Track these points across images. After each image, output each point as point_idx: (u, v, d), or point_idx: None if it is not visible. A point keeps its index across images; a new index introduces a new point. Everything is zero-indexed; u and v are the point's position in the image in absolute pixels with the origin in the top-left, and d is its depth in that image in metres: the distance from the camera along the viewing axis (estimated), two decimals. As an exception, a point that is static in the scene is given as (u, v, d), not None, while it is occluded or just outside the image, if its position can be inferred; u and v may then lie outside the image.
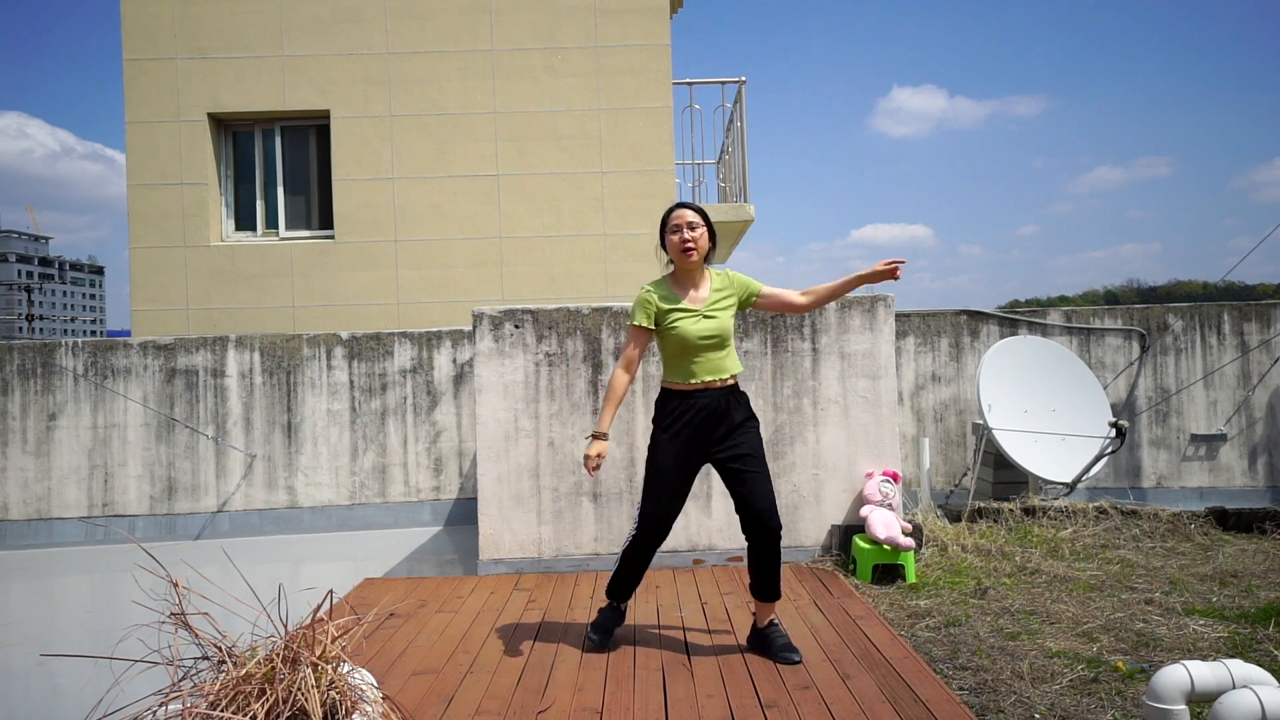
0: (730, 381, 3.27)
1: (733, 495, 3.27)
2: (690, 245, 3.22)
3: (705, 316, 3.23)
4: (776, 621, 3.37)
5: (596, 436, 3.25)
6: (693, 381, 3.23)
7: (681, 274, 3.31)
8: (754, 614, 3.39)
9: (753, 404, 4.91)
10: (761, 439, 3.31)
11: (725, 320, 3.25)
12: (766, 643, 3.32)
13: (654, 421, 3.34)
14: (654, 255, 3.49)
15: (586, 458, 3.23)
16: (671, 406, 3.27)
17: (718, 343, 3.23)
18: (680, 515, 4.85)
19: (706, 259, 3.31)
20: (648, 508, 3.30)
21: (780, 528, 3.25)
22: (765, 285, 3.39)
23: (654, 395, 4.85)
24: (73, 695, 3.70)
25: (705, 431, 3.23)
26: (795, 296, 3.38)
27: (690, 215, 3.25)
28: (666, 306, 3.25)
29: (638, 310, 3.28)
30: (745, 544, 4.84)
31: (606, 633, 3.46)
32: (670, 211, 3.31)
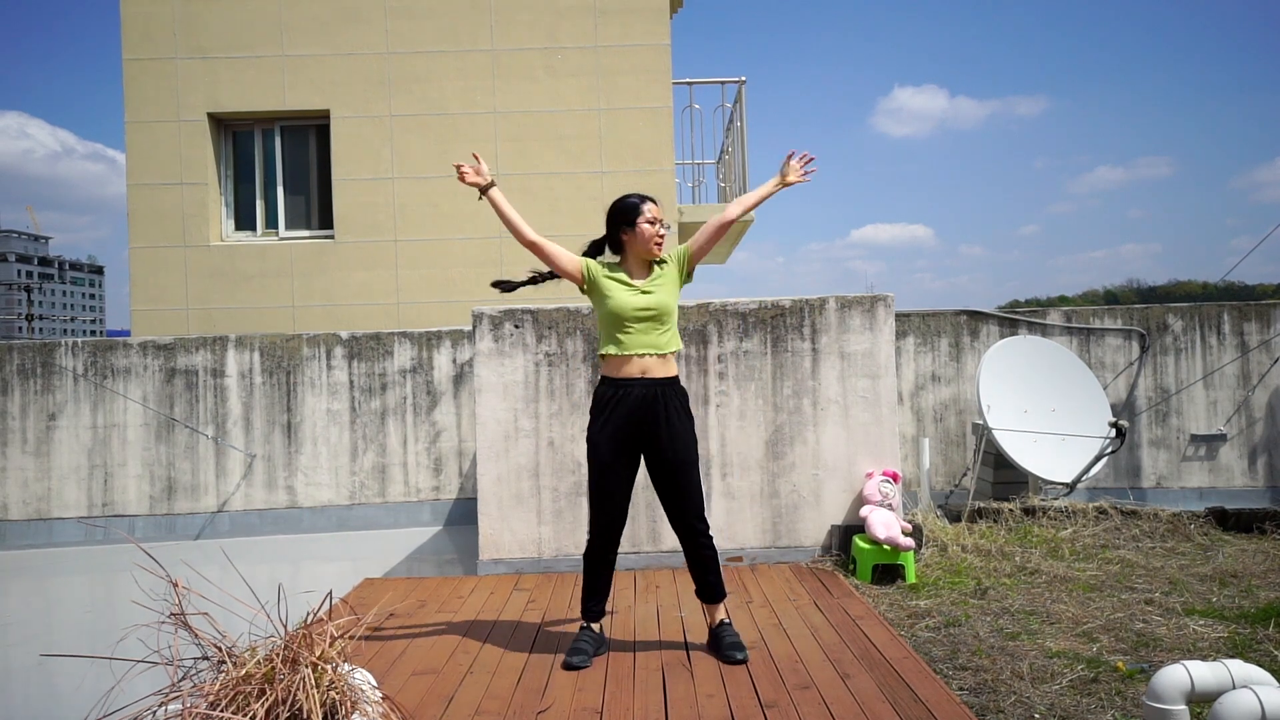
0: (666, 375, 3.26)
1: (660, 497, 3.31)
2: (663, 240, 3.30)
3: (643, 292, 3.26)
4: (727, 621, 3.41)
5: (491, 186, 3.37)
6: (626, 352, 3.22)
7: (634, 262, 3.35)
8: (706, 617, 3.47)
9: (753, 404, 4.94)
10: (696, 440, 3.32)
11: (663, 296, 3.26)
12: (716, 641, 3.36)
13: (590, 415, 3.33)
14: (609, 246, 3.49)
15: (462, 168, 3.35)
16: (605, 397, 3.27)
17: (654, 317, 3.24)
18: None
19: None
20: (595, 507, 3.28)
21: (708, 528, 3.30)
22: (694, 238, 3.36)
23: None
24: (73, 695, 3.69)
25: (639, 422, 3.22)
26: (723, 215, 3.31)
27: (660, 210, 3.32)
28: (607, 275, 3.30)
29: (581, 256, 3.36)
30: (742, 545, 4.87)
31: (585, 655, 3.27)
32: (641, 202, 3.31)
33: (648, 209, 3.30)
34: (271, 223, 9.01)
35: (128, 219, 8.64)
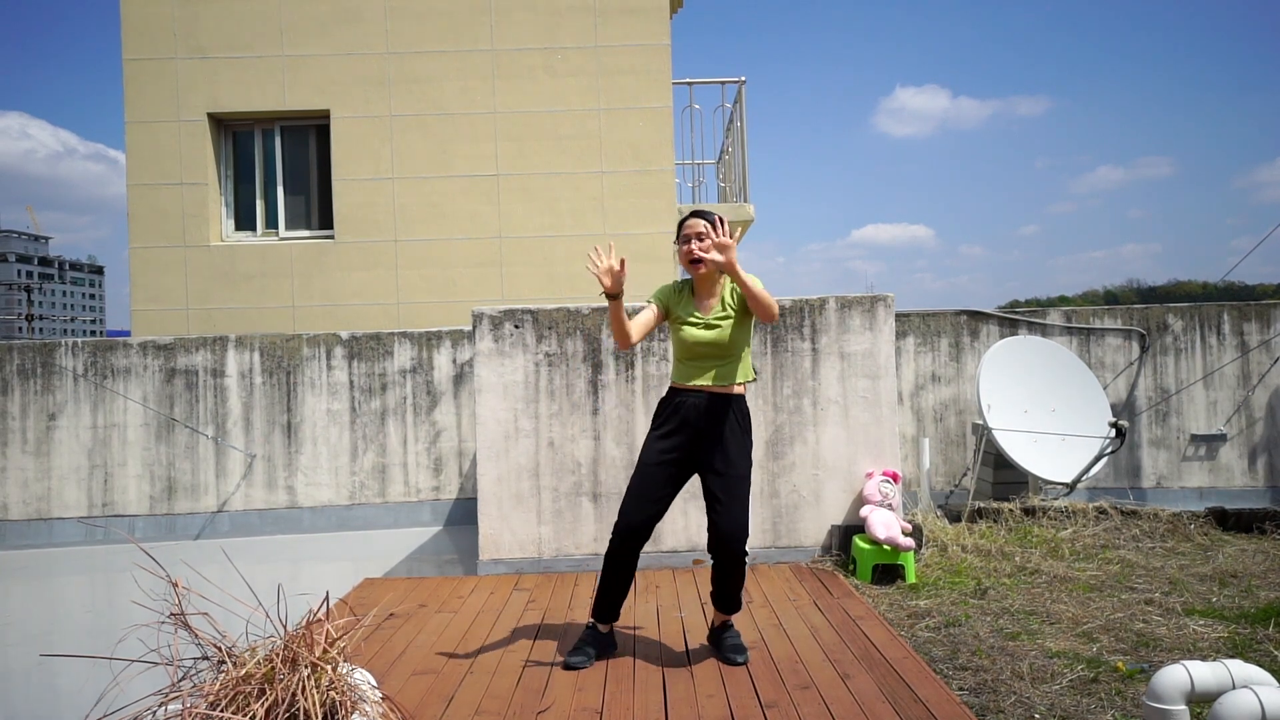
0: (731, 389, 3.24)
1: (707, 509, 3.27)
2: (698, 254, 3.23)
3: (707, 326, 3.23)
4: (731, 623, 3.42)
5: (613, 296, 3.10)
6: (687, 384, 3.25)
7: (698, 281, 3.31)
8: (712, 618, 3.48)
9: (753, 404, 4.93)
10: (752, 462, 3.28)
11: (727, 331, 3.21)
12: (717, 641, 3.39)
13: (651, 420, 3.36)
14: (656, 254, 3.50)
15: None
16: (666, 405, 3.29)
17: (717, 352, 3.21)
18: (679, 515, 4.87)
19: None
20: (625, 504, 3.27)
21: (745, 554, 3.24)
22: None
23: (654, 396, 4.86)
24: (73, 695, 3.70)
25: (695, 434, 3.21)
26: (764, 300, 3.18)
27: (701, 225, 3.21)
28: (679, 307, 3.28)
29: (653, 296, 3.36)
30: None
31: (586, 655, 3.26)
32: (685, 220, 3.30)
33: (686, 226, 3.27)
34: (271, 223, 9.00)
35: (128, 219, 8.64)
